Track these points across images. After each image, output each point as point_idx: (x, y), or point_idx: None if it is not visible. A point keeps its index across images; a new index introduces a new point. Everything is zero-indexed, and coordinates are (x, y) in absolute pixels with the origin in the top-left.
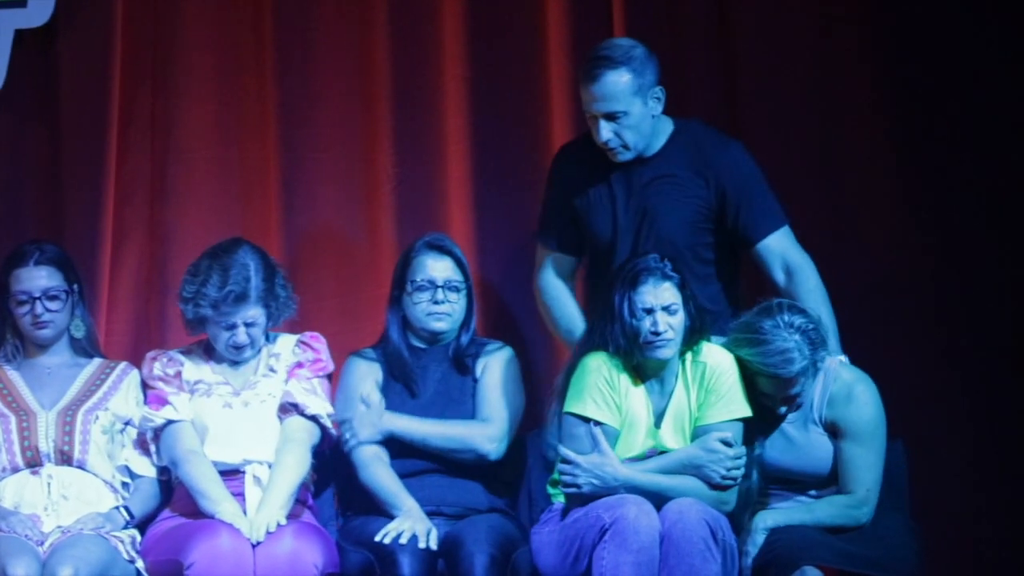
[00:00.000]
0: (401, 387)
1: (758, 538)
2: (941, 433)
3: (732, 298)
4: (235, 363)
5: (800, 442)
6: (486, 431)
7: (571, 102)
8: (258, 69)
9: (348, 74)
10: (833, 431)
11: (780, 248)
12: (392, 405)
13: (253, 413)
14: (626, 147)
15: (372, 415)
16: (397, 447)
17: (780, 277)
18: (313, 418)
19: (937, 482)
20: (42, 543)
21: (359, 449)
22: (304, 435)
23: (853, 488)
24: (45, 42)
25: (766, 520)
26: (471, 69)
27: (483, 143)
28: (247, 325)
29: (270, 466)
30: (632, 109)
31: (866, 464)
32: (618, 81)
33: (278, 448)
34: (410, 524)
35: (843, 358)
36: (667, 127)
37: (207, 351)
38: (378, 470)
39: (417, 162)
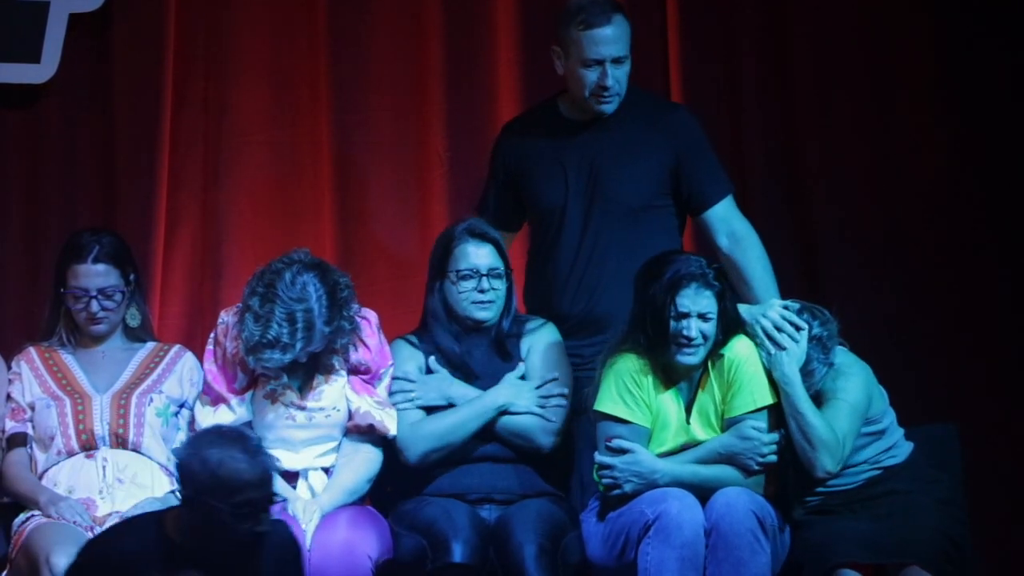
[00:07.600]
0: (449, 373)
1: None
2: (999, 419)
3: None
4: None
5: None
6: (546, 424)
7: None
8: (311, 53)
9: (400, 58)
10: (816, 399)
11: (726, 215)
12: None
13: (316, 424)
14: (617, 95)
15: (439, 381)
16: None
17: (724, 242)
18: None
19: (994, 468)
20: (93, 527)
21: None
22: (375, 455)
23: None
24: (99, 26)
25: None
26: (524, 53)
27: None
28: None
29: (325, 470)
30: (630, 53)
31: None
32: (624, 23)
33: (347, 453)
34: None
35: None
36: None
37: None
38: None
39: (469, 146)
